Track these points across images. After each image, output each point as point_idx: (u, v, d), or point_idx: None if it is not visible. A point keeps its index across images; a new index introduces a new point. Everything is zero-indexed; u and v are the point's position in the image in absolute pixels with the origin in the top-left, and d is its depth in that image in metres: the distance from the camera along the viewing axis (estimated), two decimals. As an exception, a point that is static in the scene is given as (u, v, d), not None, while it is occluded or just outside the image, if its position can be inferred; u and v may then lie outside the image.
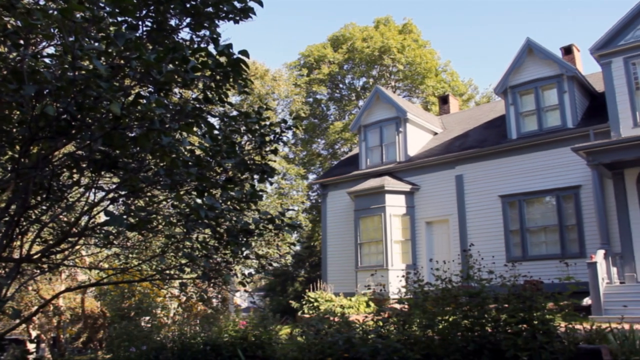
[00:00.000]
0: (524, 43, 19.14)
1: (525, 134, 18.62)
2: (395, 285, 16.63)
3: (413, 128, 22.01)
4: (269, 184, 6.82)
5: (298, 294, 25.58)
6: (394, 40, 39.63)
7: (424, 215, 20.24)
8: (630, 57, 16.33)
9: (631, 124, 15.94)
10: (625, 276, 15.01)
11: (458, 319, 6.91)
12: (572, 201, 17.24)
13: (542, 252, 17.58)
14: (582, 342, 6.45)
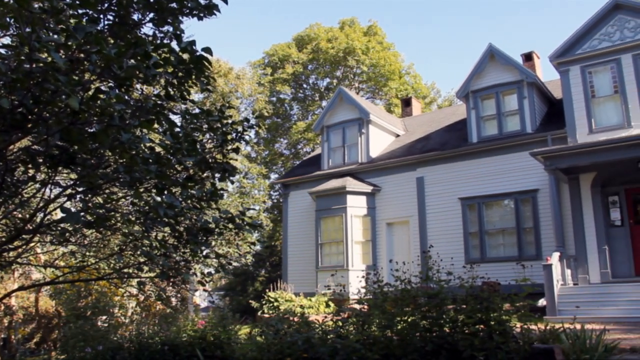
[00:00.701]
0: (486, 48, 19.44)
1: (485, 137, 18.92)
2: (355, 285, 16.72)
3: (375, 130, 22.14)
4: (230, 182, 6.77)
5: (258, 293, 25.50)
6: (358, 41, 39.82)
7: (385, 217, 20.38)
8: (587, 65, 16.74)
9: (587, 130, 16.34)
10: (578, 278, 15.39)
11: (417, 319, 6.96)
12: (529, 204, 17.58)
13: (500, 254, 17.89)
14: (537, 342, 6.58)
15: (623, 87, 16.11)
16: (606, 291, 13.79)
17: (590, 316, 11.49)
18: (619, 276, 15.33)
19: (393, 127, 23.40)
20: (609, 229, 15.88)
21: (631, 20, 16.27)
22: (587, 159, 15.18)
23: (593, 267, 15.61)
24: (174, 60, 4.96)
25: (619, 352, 6.96)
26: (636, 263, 15.44)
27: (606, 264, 15.52)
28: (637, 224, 15.83)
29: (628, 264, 15.47)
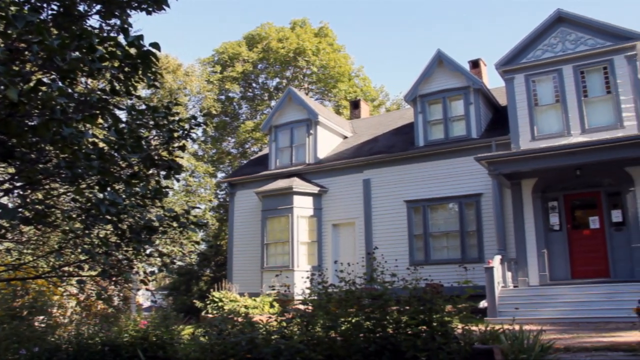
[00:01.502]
0: (435, 54, 19.76)
1: (432, 141, 19.22)
2: (300, 286, 16.72)
3: (324, 131, 22.21)
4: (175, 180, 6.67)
5: (203, 293, 25.19)
6: (309, 42, 39.86)
7: (331, 218, 20.46)
8: (531, 74, 17.23)
9: (529, 137, 16.81)
10: (518, 280, 15.79)
11: (361, 320, 6.99)
12: (473, 208, 17.96)
13: (443, 256, 18.20)
14: (477, 343, 6.69)
15: (564, 97, 16.64)
16: (544, 293, 14.21)
17: (529, 317, 11.80)
18: (557, 279, 15.81)
19: (341, 128, 23.52)
20: (548, 234, 16.36)
21: (572, 33, 16.83)
22: (529, 165, 15.65)
23: (532, 270, 16.06)
24: (120, 55, 4.85)
25: (554, 351, 7.18)
26: (573, 266, 15.95)
27: (545, 267, 15.98)
28: (574, 228, 16.36)
29: (565, 267, 15.97)
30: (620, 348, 7.78)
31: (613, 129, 15.80)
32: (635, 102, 15.78)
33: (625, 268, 15.31)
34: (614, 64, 16.24)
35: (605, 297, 13.05)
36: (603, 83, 16.44)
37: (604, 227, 15.95)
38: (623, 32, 16.20)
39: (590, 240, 16.05)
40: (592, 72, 16.63)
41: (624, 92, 15.94)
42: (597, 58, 16.51)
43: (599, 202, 16.22)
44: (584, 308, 12.82)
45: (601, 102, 16.40)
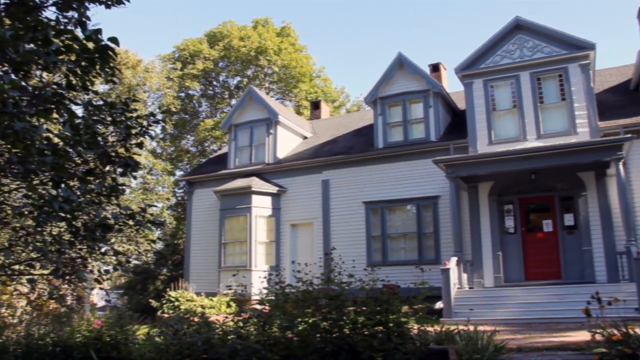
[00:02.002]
0: (396, 57, 19.93)
1: (391, 143, 19.38)
2: (257, 286, 16.63)
3: (284, 131, 22.17)
4: (132, 178, 6.56)
5: (159, 292, 24.84)
6: (271, 42, 39.74)
7: (290, 218, 20.43)
8: (489, 79, 17.53)
9: (487, 141, 17.09)
10: (474, 282, 16.04)
11: (317, 320, 6.99)
12: (431, 210, 18.17)
13: (400, 257, 18.35)
14: (433, 343, 6.78)
15: (521, 102, 16.98)
16: (499, 294, 14.46)
17: (484, 318, 11.97)
18: (511, 280, 16.12)
19: (301, 129, 23.52)
20: (504, 236, 16.67)
21: (530, 41, 17.20)
22: (486, 169, 15.93)
23: (488, 272, 16.34)
24: (77, 48, 4.76)
25: (507, 351, 7.31)
26: (526, 268, 16.30)
27: (500, 269, 16.28)
28: (528, 231, 16.71)
29: (519, 269, 16.30)
30: (570, 347, 7.97)
31: (567, 135, 16.19)
32: (588, 110, 16.20)
33: (576, 270, 15.73)
34: (568, 72, 16.65)
35: (556, 298, 13.36)
36: (558, 90, 16.83)
37: (556, 231, 16.35)
38: (578, 42, 16.63)
39: (543, 243, 16.43)
40: (548, 79, 17.01)
41: (578, 100, 16.35)
42: (553, 66, 16.90)
43: (553, 206, 16.61)
44: (537, 309, 13.10)
45: (556, 109, 16.79)
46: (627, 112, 17.22)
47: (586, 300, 6.55)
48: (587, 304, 6.42)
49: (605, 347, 6.23)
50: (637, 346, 5.81)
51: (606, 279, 15.07)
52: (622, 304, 6.55)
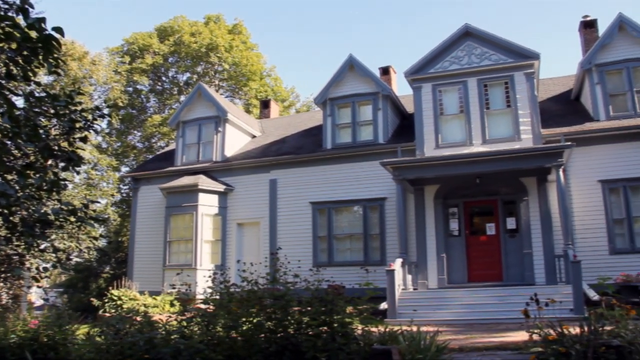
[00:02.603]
0: (347, 59, 20.05)
1: (339, 145, 19.47)
2: (202, 285, 16.45)
3: (232, 129, 22.00)
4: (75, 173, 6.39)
5: (101, 291, 24.27)
6: (222, 39, 39.39)
7: (236, 217, 20.29)
8: (437, 84, 17.82)
9: (434, 145, 17.37)
10: (418, 283, 16.26)
11: (262, 320, 6.97)
12: (377, 212, 18.33)
13: (346, 258, 18.45)
14: (376, 343, 6.84)
15: (468, 108, 17.32)
16: (442, 296, 14.69)
17: (427, 319, 12.11)
18: (455, 282, 16.41)
19: (250, 127, 23.38)
20: (448, 239, 16.97)
21: (478, 48, 17.57)
22: (432, 172, 16.19)
23: (432, 274, 16.60)
24: (18, 37, 4.59)
25: (449, 351, 7.44)
26: (470, 270, 16.64)
27: (443, 271, 16.57)
28: (472, 234, 17.05)
29: (462, 271, 16.63)
30: (509, 347, 8.17)
31: (511, 141, 16.60)
32: (531, 117, 16.65)
33: (517, 272, 16.15)
34: (514, 79, 17.08)
35: (497, 300, 13.65)
36: (504, 97, 17.24)
37: (499, 234, 16.74)
38: (524, 51, 17.08)
39: (486, 246, 16.80)
40: (495, 86, 17.41)
41: (522, 107, 16.79)
42: (499, 73, 17.31)
43: (496, 210, 17.00)
44: (478, 310, 13.36)
45: (501, 115, 17.19)
46: (567, 121, 17.80)
47: (525, 301, 6.73)
48: (526, 305, 6.59)
49: (541, 347, 6.42)
50: (571, 345, 6.01)
51: (545, 281, 15.53)
52: (559, 305, 6.76)
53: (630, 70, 17.39)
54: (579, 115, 18.12)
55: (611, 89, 17.55)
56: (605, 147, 16.66)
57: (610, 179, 16.36)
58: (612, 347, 5.86)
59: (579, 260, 13.02)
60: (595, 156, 16.63)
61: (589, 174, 16.53)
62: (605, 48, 17.77)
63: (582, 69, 18.02)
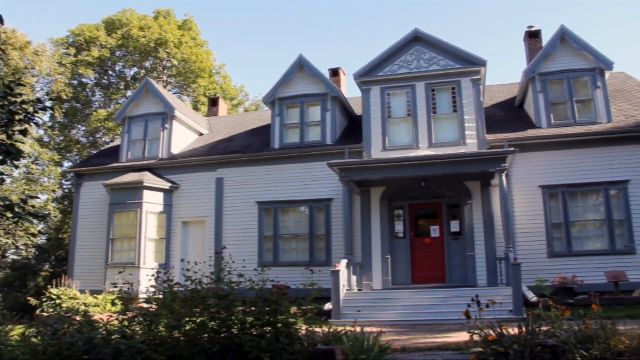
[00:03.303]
0: (297, 59, 20.05)
1: (287, 145, 19.46)
2: (145, 284, 16.14)
3: (179, 126, 21.70)
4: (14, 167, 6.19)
5: (40, 290, 23.58)
6: (172, 34, 38.79)
7: (182, 215, 20.02)
8: (386, 87, 18.00)
9: (381, 147, 17.53)
10: (363, 284, 16.39)
11: (206, 320, 6.90)
12: (323, 213, 18.39)
13: (292, 258, 18.45)
14: (320, 344, 6.84)
15: (415, 112, 17.56)
16: (386, 297, 14.83)
17: (371, 320, 12.20)
18: (399, 284, 16.62)
19: (198, 125, 23.12)
20: (393, 240, 17.17)
21: (427, 53, 17.84)
22: (379, 174, 16.34)
23: (377, 275, 16.75)
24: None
25: (392, 352, 7.53)
26: (414, 272, 16.88)
27: (388, 272, 16.75)
28: (417, 236, 17.30)
29: (407, 273, 16.85)
30: (450, 348, 8.32)
31: (457, 146, 16.92)
32: (477, 122, 17.01)
33: (460, 274, 16.48)
34: (461, 85, 17.42)
35: (440, 301, 13.88)
36: (451, 102, 17.56)
37: (443, 236, 17.04)
38: (471, 58, 17.44)
39: (430, 248, 17.07)
40: (442, 91, 17.71)
41: (468, 112, 17.14)
42: (447, 78, 17.62)
43: (440, 213, 17.30)
44: (422, 311, 13.54)
45: (448, 120, 17.50)
46: (511, 127, 18.28)
47: (467, 303, 6.87)
48: (468, 307, 6.72)
49: (482, 347, 6.56)
50: (510, 345, 6.16)
51: (487, 283, 15.88)
52: (499, 306, 6.92)
53: (571, 81, 18.01)
54: (523, 122, 18.64)
55: (553, 98, 18.13)
56: (546, 154, 17.20)
57: (550, 185, 16.90)
58: (547, 347, 6.03)
59: (519, 263, 13.37)
60: (537, 162, 17.14)
61: (530, 180, 17.02)
62: (548, 58, 18.35)
63: (526, 77, 18.55)
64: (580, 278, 14.70)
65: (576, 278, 14.65)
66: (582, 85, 18.15)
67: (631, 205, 16.41)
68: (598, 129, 17.24)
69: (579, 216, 16.83)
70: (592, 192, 16.93)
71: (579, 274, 15.00)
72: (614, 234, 16.37)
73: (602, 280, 15.24)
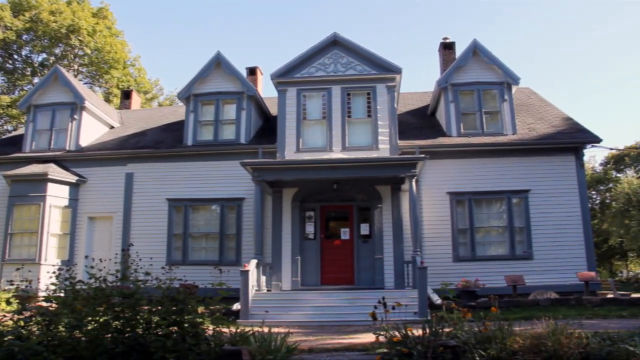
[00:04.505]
0: (214, 56, 19.80)
1: (201, 142, 19.17)
2: (46, 281, 15.46)
3: (89, 118, 20.90)
4: None
5: None
6: (86, 21, 37.35)
7: (88, 210, 19.29)
8: (303, 89, 18.08)
9: (295, 148, 17.59)
10: (272, 285, 16.38)
11: (109, 319, 6.69)
12: (235, 212, 18.25)
13: (201, 257, 18.18)
14: (227, 344, 6.78)
15: (330, 114, 17.73)
16: (295, 298, 14.87)
17: (280, 320, 12.21)
18: (308, 284, 16.72)
19: (109, 117, 22.35)
20: (303, 241, 17.25)
21: (345, 57, 18.08)
22: (291, 175, 16.40)
23: (286, 275, 16.79)
24: None
25: (299, 352, 7.56)
26: (323, 273, 17.04)
27: (297, 273, 16.83)
28: (327, 238, 17.47)
29: (316, 274, 16.98)
30: (357, 348, 8.45)
31: (369, 150, 17.23)
32: (390, 128, 17.39)
33: (368, 276, 16.80)
34: (376, 91, 17.75)
35: (348, 303, 14.07)
36: (365, 107, 17.86)
37: (353, 239, 17.29)
38: (387, 64, 17.81)
39: (340, 250, 17.27)
40: (357, 96, 17.98)
41: (382, 118, 17.49)
42: (362, 83, 17.91)
43: (351, 215, 17.56)
44: (330, 312, 13.69)
45: (362, 124, 17.78)
46: (423, 134, 18.82)
47: (374, 304, 6.99)
48: (374, 308, 6.84)
49: (387, 348, 6.70)
50: (413, 346, 6.33)
51: (394, 285, 16.25)
52: (405, 308, 7.07)
53: (480, 93, 18.77)
54: (434, 129, 19.23)
55: (463, 108, 18.82)
56: (455, 162, 17.84)
57: (457, 192, 17.54)
58: (449, 347, 6.24)
59: (425, 267, 13.75)
60: (446, 169, 17.75)
61: (439, 186, 17.60)
62: (460, 70, 19.04)
63: (439, 87, 19.15)
64: (482, 281, 15.36)
65: (478, 281, 15.29)
66: (490, 98, 18.94)
67: (531, 213, 17.31)
68: (504, 140, 18.05)
69: (483, 222, 17.56)
70: (496, 199, 17.71)
71: (482, 277, 15.67)
72: (515, 240, 17.21)
73: (502, 284, 15.96)
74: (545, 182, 17.57)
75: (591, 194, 45.90)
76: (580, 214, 17.39)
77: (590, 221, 17.85)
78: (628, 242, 36.41)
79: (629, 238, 35.80)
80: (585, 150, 18.05)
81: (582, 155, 17.94)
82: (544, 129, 18.79)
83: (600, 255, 41.66)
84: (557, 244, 17.05)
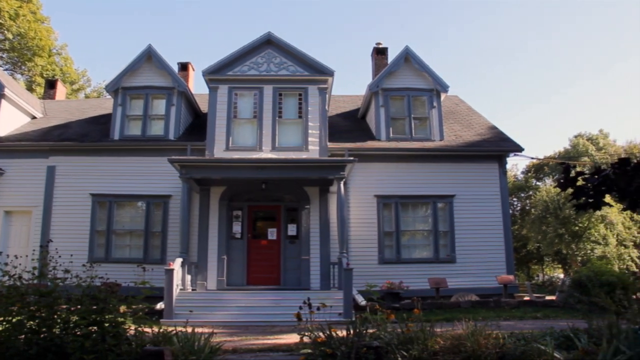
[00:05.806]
0: (145, 49, 19.36)
1: (128, 136, 18.69)
2: (-44, 276, 14.75)
3: (9, 106, 20.00)
4: None
5: None
6: (7, 3, 35.58)
7: (5, 203, 18.42)
8: (234, 87, 17.96)
9: (224, 146, 17.44)
10: (197, 284, 16.19)
11: (23, 319, 6.44)
12: (161, 209, 17.90)
13: (125, 255, 17.72)
14: (149, 344, 6.66)
15: (261, 114, 17.69)
16: (220, 298, 14.75)
17: (204, 320, 12.09)
18: (234, 284, 16.62)
19: (31, 107, 21.46)
20: (230, 241, 17.13)
21: (278, 57, 18.09)
22: (219, 173, 16.25)
23: (212, 275, 16.63)
24: None
25: (223, 352, 7.52)
26: (249, 273, 16.98)
27: (223, 273, 16.71)
28: (254, 238, 17.41)
29: (242, 274, 16.90)
30: (281, 349, 8.48)
31: (299, 151, 17.29)
32: (320, 130, 17.50)
33: (294, 277, 16.86)
34: (308, 92, 17.84)
35: (274, 303, 14.08)
36: (297, 108, 17.92)
37: (280, 239, 17.31)
38: (320, 66, 17.93)
39: (267, 250, 17.26)
40: (289, 96, 18.02)
41: (313, 119, 17.59)
42: (295, 84, 17.96)
43: (279, 216, 17.56)
44: (255, 312, 13.66)
45: (293, 125, 17.82)
46: (353, 137, 19.03)
47: (299, 305, 7.01)
48: (300, 309, 6.87)
49: (311, 348, 6.75)
50: (337, 347, 6.41)
51: (320, 286, 16.38)
52: (330, 309, 7.14)
53: (410, 98, 19.14)
54: (364, 133, 19.48)
55: (393, 113, 19.14)
56: (383, 165, 18.12)
57: (384, 195, 17.83)
58: (372, 348, 6.35)
59: (351, 268, 13.92)
60: (374, 172, 18.00)
61: (366, 188, 17.83)
62: (391, 75, 19.38)
63: (370, 91, 19.42)
64: (406, 284, 15.68)
65: (402, 284, 15.60)
66: (420, 104, 19.33)
67: (455, 218, 17.80)
68: (431, 146, 18.48)
69: (408, 226, 17.91)
70: (422, 204, 18.11)
71: (406, 279, 15.99)
72: (439, 244, 17.65)
73: (425, 286, 16.36)
74: (469, 188, 18.11)
75: (512, 201, 47.80)
76: (501, 219, 18.02)
77: (510, 227, 18.53)
78: (545, 247, 38.03)
79: (545, 243, 37.43)
80: (508, 158, 18.76)
81: (505, 163, 18.62)
82: (470, 137, 19.36)
83: (519, 260, 43.32)
84: (479, 248, 17.60)
